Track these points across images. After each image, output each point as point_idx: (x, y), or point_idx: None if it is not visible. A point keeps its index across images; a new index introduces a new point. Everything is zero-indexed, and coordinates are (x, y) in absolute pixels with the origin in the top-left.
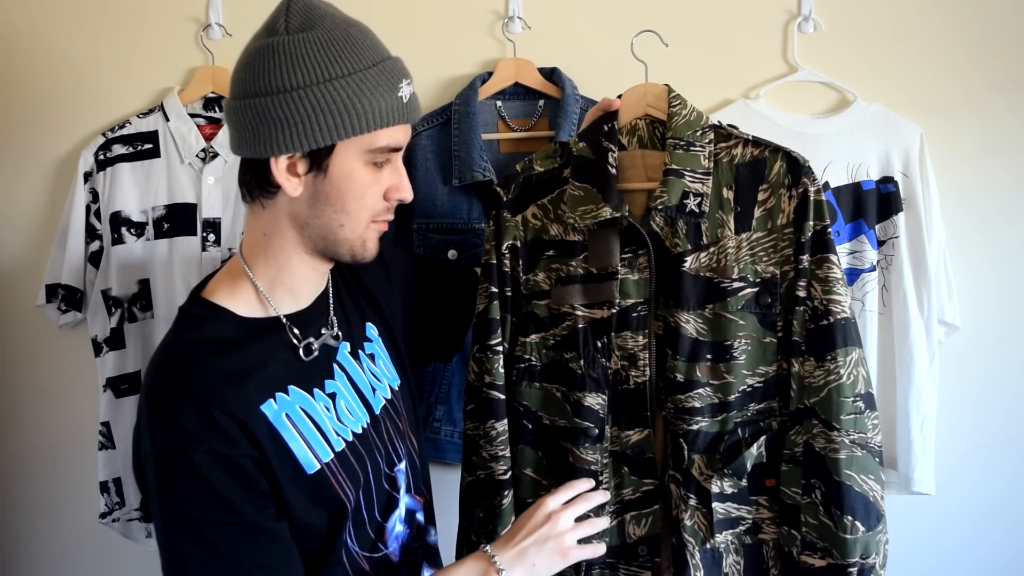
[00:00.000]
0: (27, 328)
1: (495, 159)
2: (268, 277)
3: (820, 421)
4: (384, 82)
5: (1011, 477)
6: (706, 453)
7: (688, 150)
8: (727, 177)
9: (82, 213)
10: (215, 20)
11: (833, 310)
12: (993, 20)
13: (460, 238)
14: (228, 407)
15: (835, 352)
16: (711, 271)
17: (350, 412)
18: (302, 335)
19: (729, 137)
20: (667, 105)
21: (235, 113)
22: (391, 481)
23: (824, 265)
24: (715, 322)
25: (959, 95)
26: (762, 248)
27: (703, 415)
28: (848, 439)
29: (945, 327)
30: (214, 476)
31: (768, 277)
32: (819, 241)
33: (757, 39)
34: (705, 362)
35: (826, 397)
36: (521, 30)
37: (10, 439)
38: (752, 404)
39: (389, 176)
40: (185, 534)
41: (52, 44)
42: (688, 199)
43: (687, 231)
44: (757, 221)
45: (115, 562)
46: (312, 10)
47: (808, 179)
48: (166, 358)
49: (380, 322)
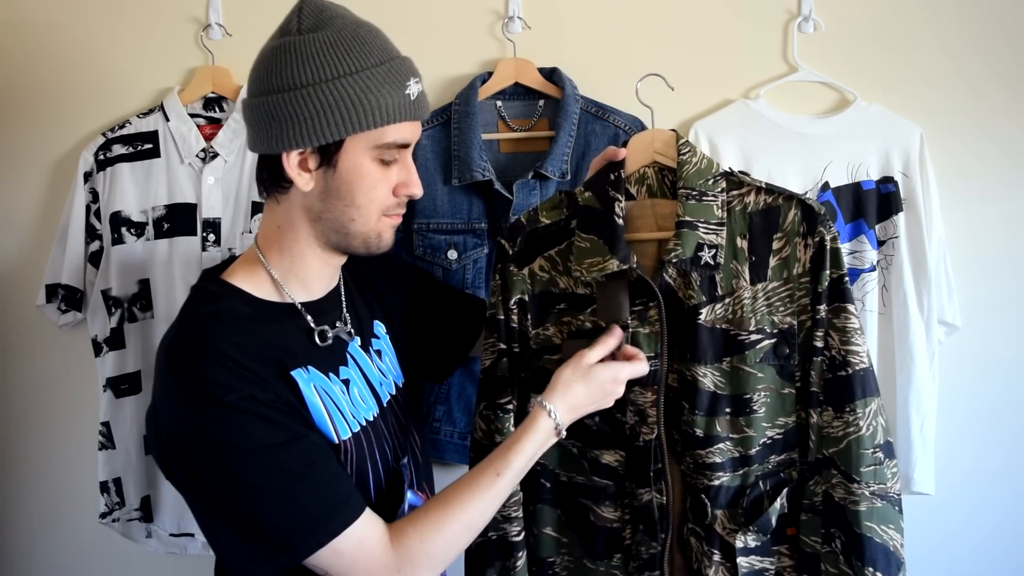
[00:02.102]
0: (27, 328)
1: (495, 159)
2: (282, 268)
3: (839, 472)
4: (392, 79)
5: (1011, 477)
6: (729, 508)
7: (701, 200)
8: (741, 226)
9: (82, 213)
10: (215, 20)
11: (851, 361)
12: (993, 20)
13: (460, 238)
14: (255, 362)
15: (854, 404)
16: (727, 323)
17: (362, 399)
18: (316, 323)
19: (741, 184)
20: (676, 152)
21: (250, 111)
22: (397, 475)
23: (842, 315)
24: (733, 375)
25: (959, 95)
26: (778, 298)
27: (724, 470)
28: (868, 491)
29: (945, 327)
30: (259, 410)
31: (786, 328)
32: (836, 290)
33: (757, 39)
34: (724, 416)
35: (845, 449)
36: (521, 30)
37: (10, 439)
38: (773, 456)
39: (398, 172)
40: (254, 467)
41: (52, 44)
42: (703, 251)
43: (701, 283)
44: (772, 271)
45: (115, 562)
46: (323, 11)
47: (824, 227)
48: (184, 328)
49: (386, 322)
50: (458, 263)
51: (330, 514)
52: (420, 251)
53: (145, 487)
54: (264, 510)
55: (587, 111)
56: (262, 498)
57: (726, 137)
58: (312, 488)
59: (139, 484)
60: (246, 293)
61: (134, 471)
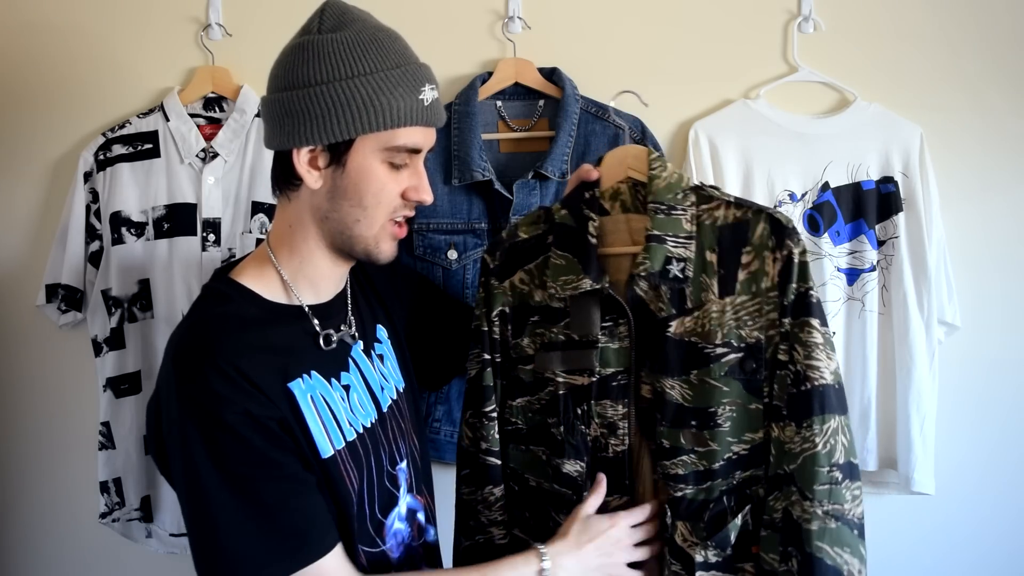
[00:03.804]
0: (27, 328)
1: (495, 159)
2: (292, 268)
3: (797, 489)
4: (406, 83)
5: (1011, 477)
6: (689, 520)
7: (670, 214)
8: (710, 240)
9: (82, 213)
10: (215, 20)
11: (811, 376)
12: (993, 20)
13: (460, 238)
14: (258, 372)
15: (811, 419)
16: (695, 336)
17: (361, 406)
18: (321, 327)
19: (711, 199)
20: (647, 167)
21: (266, 107)
22: (392, 479)
23: (806, 328)
24: (700, 388)
25: (959, 95)
26: (746, 312)
27: (687, 482)
28: (821, 510)
29: (945, 327)
30: (250, 434)
31: (753, 342)
32: (802, 304)
33: (757, 39)
34: (689, 428)
35: (801, 465)
36: (521, 30)
37: (10, 439)
38: (738, 472)
39: (409, 177)
40: (228, 487)
41: (52, 44)
42: (671, 264)
43: (671, 296)
44: (741, 284)
45: (115, 562)
46: (345, 14)
47: (792, 241)
48: (193, 329)
49: (389, 327)
50: (458, 263)
51: (287, 553)
52: (420, 251)
53: (145, 487)
54: (222, 534)
55: (587, 111)
56: (224, 522)
57: (726, 137)
58: (276, 524)
59: (139, 484)
60: (255, 294)
61: (134, 471)
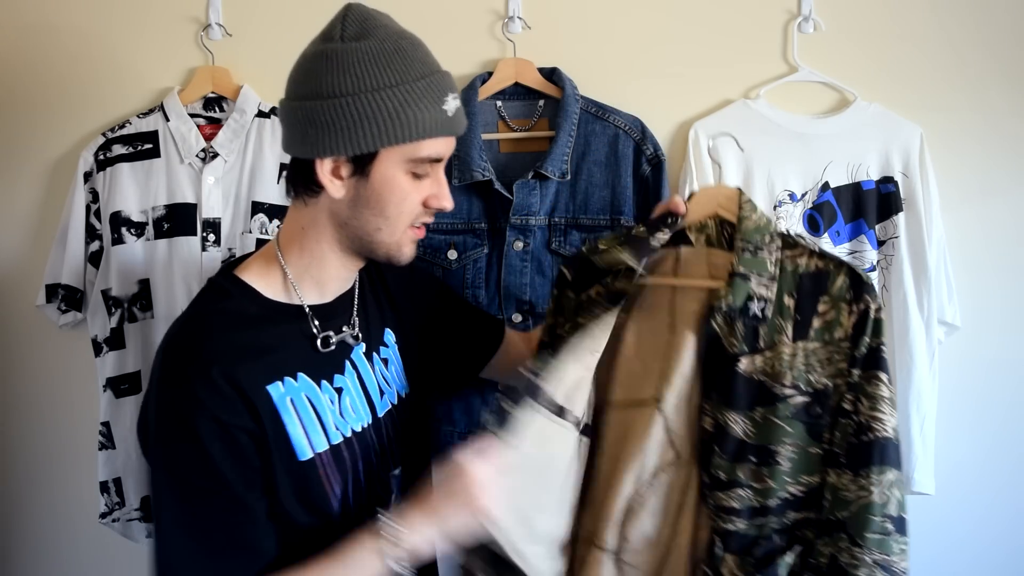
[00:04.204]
0: (27, 328)
1: (495, 159)
2: (299, 268)
3: (847, 536)
4: (430, 95)
5: (1011, 477)
6: (740, 555)
7: (756, 254)
8: (790, 285)
9: (82, 213)
10: (215, 20)
11: (875, 427)
12: (993, 20)
13: (460, 238)
14: (236, 378)
15: (869, 469)
16: (764, 375)
17: (353, 410)
18: (322, 327)
19: (795, 245)
20: (737, 208)
21: (287, 113)
22: (383, 484)
23: (874, 381)
24: (763, 425)
25: (959, 95)
26: (817, 359)
27: (741, 516)
28: (870, 558)
29: (945, 327)
30: (212, 445)
31: (821, 388)
32: (873, 357)
33: (757, 39)
34: (748, 464)
35: (856, 512)
36: (521, 30)
37: (10, 439)
38: (791, 512)
39: (430, 185)
40: (176, 493)
41: (51, 44)
42: (752, 302)
43: (745, 333)
44: (815, 331)
45: (115, 562)
46: (368, 20)
47: (870, 296)
48: (187, 325)
49: (399, 331)
50: (458, 263)
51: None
52: (420, 251)
53: (145, 487)
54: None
55: (587, 111)
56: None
57: (726, 137)
58: (208, 540)
59: (139, 484)
60: (256, 292)
61: (134, 471)
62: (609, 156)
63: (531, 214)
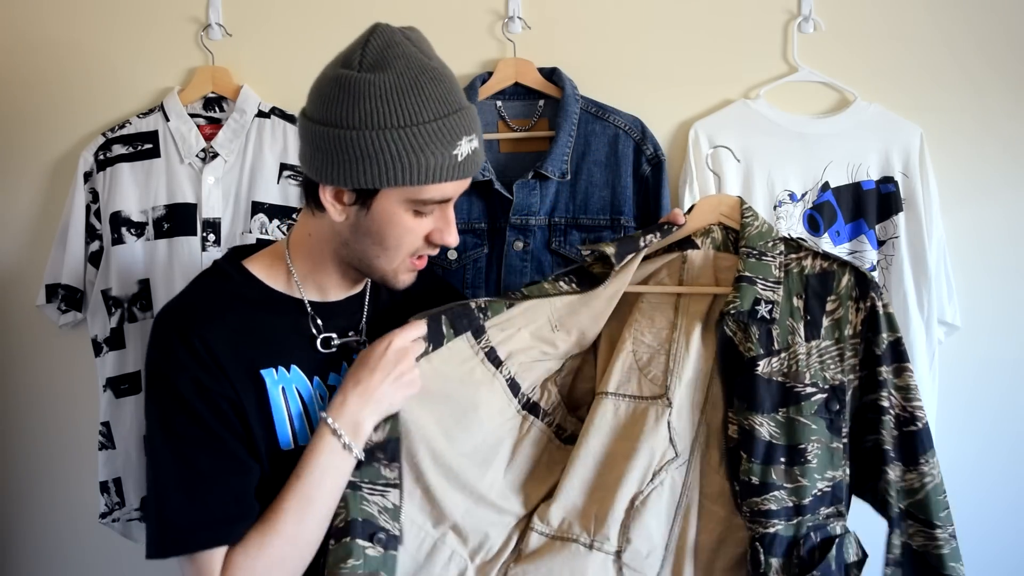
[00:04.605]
0: (27, 328)
1: (495, 159)
2: (304, 270)
3: (917, 521)
4: (440, 138)
5: (1009, 476)
6: (784, 558)
7: (760, 259)
8: (797, 286)
9: (82, 213)
10: (215, 20)
11: (918, 415)
12: (993, 20)
13: (460, 238)
14: (225, 350)
15: (926, 455)
16: (784, 376)
17: None
18: (325, 326)
19: (799, 249)
20: (740, 216)
21: (301, 128)
22: None
23: (903, 374)
24: (788, 425)
25: (959, 95)
26: (830, 356)
27: (779, 518)
28: (947, 533)
29: (945, 327)
30: (195, 401)
31: (836, 384)
32: (896, 351)
33: (757, 39)
34: (780, 465)
35: (924, 498)
36: (521, 30)
37: (10, 439)
38: (823, 508)
39: (435, 221)
40: (169, 447)
41: (52, 44)
42: (760, 305)
43: (759, 336)
44: (826, 330)
45: (115, 562)
46: (390, 48)
47: (876, 293)
48: (182, 296)
49: None
50: (458, 263)
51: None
52: None
53: (145, 487)
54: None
55: (587, 111)
56: (163, 481)
57: (726, 137)
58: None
59: (139, 484)
60: (258, 280)
61: (134, 471)
62: (609, 156)
63: (531, 214)
